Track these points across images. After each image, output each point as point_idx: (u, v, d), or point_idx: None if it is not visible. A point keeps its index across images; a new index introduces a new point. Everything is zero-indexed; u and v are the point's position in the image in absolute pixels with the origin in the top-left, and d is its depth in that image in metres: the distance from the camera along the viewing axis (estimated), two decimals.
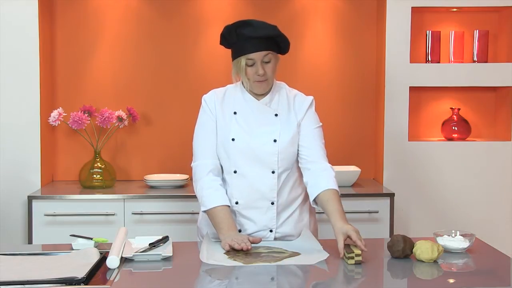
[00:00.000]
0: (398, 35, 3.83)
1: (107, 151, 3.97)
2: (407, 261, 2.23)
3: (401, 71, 3.84)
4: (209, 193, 2.45)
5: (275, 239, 2.50)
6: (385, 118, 3.86)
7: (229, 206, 2.44)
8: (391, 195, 3.64)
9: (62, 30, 3.96)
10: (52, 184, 3.90)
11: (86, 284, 1.95)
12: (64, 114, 3.72)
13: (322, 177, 2.44)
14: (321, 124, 2.59)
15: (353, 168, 3.90)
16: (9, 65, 3.67)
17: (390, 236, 3.50)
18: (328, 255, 2.22)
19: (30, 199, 3.51)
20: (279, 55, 2.50)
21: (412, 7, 3.82)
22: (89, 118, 3.74)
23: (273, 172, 2.46)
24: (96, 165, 3.77)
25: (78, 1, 3.96)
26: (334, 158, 4.03)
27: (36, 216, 3.50)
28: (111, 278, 2.02)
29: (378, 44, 4.01)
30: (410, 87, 3.86)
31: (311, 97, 2.59)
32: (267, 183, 2.46)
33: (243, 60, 2.41)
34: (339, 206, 2.36)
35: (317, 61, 4.06)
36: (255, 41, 2.37)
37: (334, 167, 3.81)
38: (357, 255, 2.17)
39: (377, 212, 3.60)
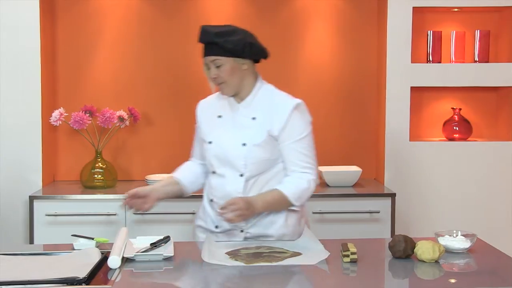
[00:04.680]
0: (399, 35, 3.82)
1: (108, 151, 3.97)
2: (409, 261, 2.23)
3: (402, 71, 3.84)
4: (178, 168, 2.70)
5: (246, 238, 2.53)
6: (386, 118, 3.86)
7: (177, 180, 2.63)
8: (392, 195, 3.63)
9: (63, 30, 3.97)
10: (53, 184, 3.90)
11: (87, 284, 1.95)
12: (65, 114, 3.72)
13: (288, 178, 2.52)
14: (306, 132, 2.53)
15: (354, 168, 3.90)
16: (11, 65, 3.66)
17: (391, 236, 3.50)
18: (329, 254, 2.22)
19: (32, 199, 3.51)
20: (245, 60, 2.49)
21: (413, 7, 3.81)
22: (90, 118, 3.74)
23: (241, 175, 2.50)
24: (97, 165, 3.77)
25: (79, 1, 3.96)
26: (335, 158, 4.05)
27: (38, 216, 3.50)
28: (112, 278, 2.02)
29: (379, 44, 4.01)
30: (411, 87, 3.86)
31: (294, 103, 2.51)
32: (235, 185, 2.51)
33: (204, 64, 2.52)
34: (267, 196, 2.47)
35: (317, 61, 4.06)
36: (204, 46, 2.49)
37: (335, 167, 3.89)
38: (353, 253, 2.18)
39: (378, 212, 3.60)
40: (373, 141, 4.10)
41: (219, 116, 2.56)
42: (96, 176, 3.75)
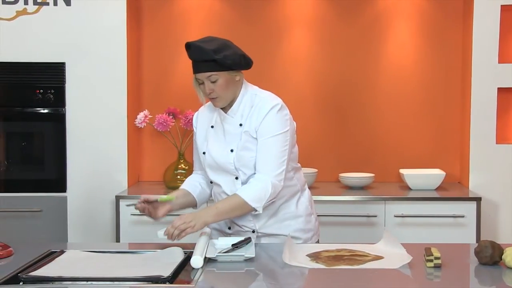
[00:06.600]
0: (486, 35, 3.71)
1: (191, 153, 4.02)
2: (496, 268, 2.16)
3: (489, 71, 3.72)
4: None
5: (258, 237, 2.55)
6: (471, 120, 3.75)
7: (188, 192, 2.62)
8: (477, 199, 3.53)
9: (149, 33, 4.07)
10: (138, 184, 4.01)
11: (171, 283, 2.00)
12: (149, 116, 3.81)
13: (248, 183, 2.47)
14: (283, 131, 2.47)
15: (437, 171, 3.82)
16: (99, 68, 3.78)
17: (476, 242, 3.39)
18: (412, 258, 2.18)
19: (118, 198, 3.62)
20: (238, 72, 2.48)
21: (501, 5, 3.69)
22: (174, 120, 3.82)
23: (236, 178, 2.52)
24: (180, 166, 3.85)
25: (164, 5, 4.06)
26: (417, 161, 3.98)
27: (123, 215, 3.61)
28: (195, 278, 2.06)
29: (464, 44, 3.91)
30: (498, 88, 3.74)
31: (273, 103, 2.48)
32: (234, 189, 2.51)
33: (194, 78, 2.50)
34: (218, 203, 2.46)
35: (400, 62, 4.00)
36: (196, 63, 2.46)
37: (417, 170, 3.81)
38: (436, 258, 2.13)
39: (463, 216, 3.50)
40: (457, 144, 4.00)
41: (212, 126, 2.59)
42: (179, 177, 3.83)
